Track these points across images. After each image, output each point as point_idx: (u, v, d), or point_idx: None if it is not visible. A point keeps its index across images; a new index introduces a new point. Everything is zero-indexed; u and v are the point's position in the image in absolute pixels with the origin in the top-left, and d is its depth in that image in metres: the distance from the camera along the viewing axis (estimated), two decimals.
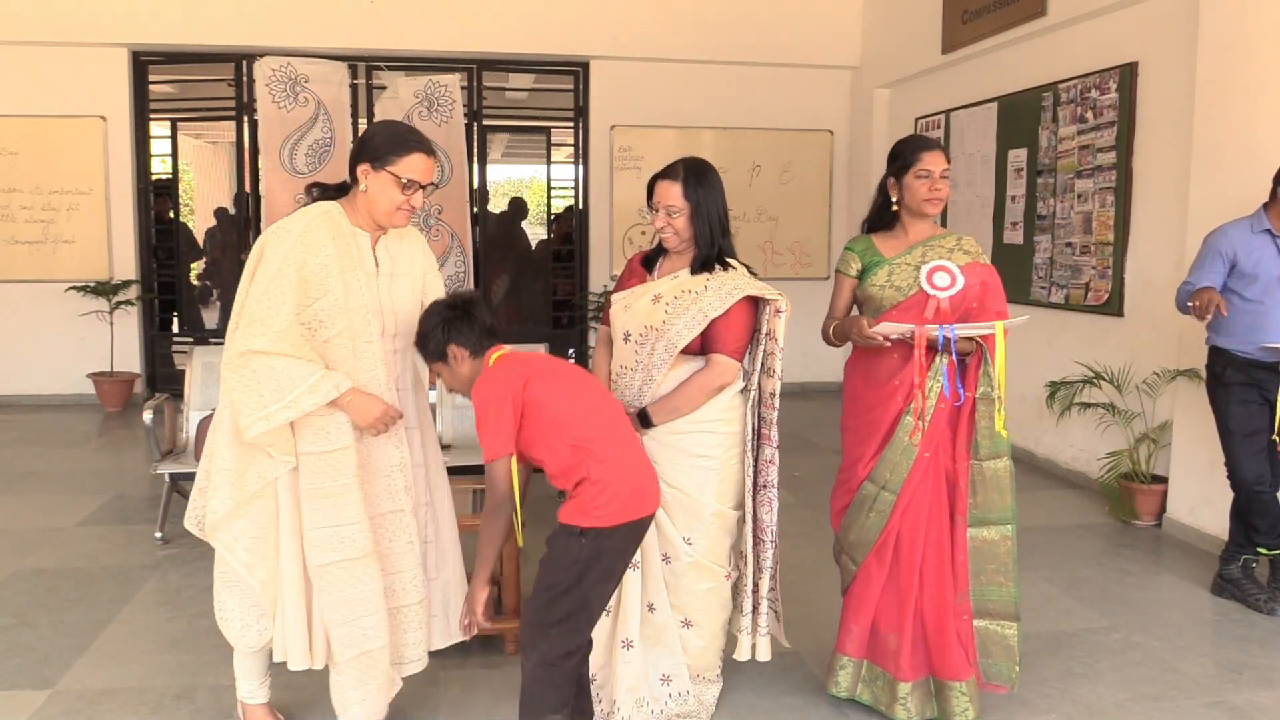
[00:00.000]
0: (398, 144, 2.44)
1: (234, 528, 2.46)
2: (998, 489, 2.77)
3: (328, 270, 2.39)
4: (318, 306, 2.39)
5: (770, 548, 2.77)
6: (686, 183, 2.69)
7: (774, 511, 2.76)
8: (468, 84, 8.00)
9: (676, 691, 2.81)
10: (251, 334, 2.33)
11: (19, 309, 7.74)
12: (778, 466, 2.77)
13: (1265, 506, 3.78)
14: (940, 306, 2.74)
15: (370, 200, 2.47)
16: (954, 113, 7.01)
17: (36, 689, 3.06)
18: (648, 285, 2.78)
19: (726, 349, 2.67)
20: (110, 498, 5.19)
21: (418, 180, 2.45)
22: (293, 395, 2.32)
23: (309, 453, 2.41)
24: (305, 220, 2.43)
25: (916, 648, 2.83)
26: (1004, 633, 2.83)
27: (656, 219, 2.72)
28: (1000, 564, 2.80)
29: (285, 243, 2.38)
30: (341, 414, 2.42)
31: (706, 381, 2.68)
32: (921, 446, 2.77)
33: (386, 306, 2.53)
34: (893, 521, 2.80)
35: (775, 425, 2.74)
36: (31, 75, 7.55)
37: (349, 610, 2.48)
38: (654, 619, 2.76)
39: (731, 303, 2.65)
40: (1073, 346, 5.66)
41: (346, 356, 2.43)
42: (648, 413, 2.69)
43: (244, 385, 2.33)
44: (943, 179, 2.85)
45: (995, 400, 2.73)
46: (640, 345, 2.72)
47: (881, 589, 2.86)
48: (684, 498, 2.70)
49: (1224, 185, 4.38)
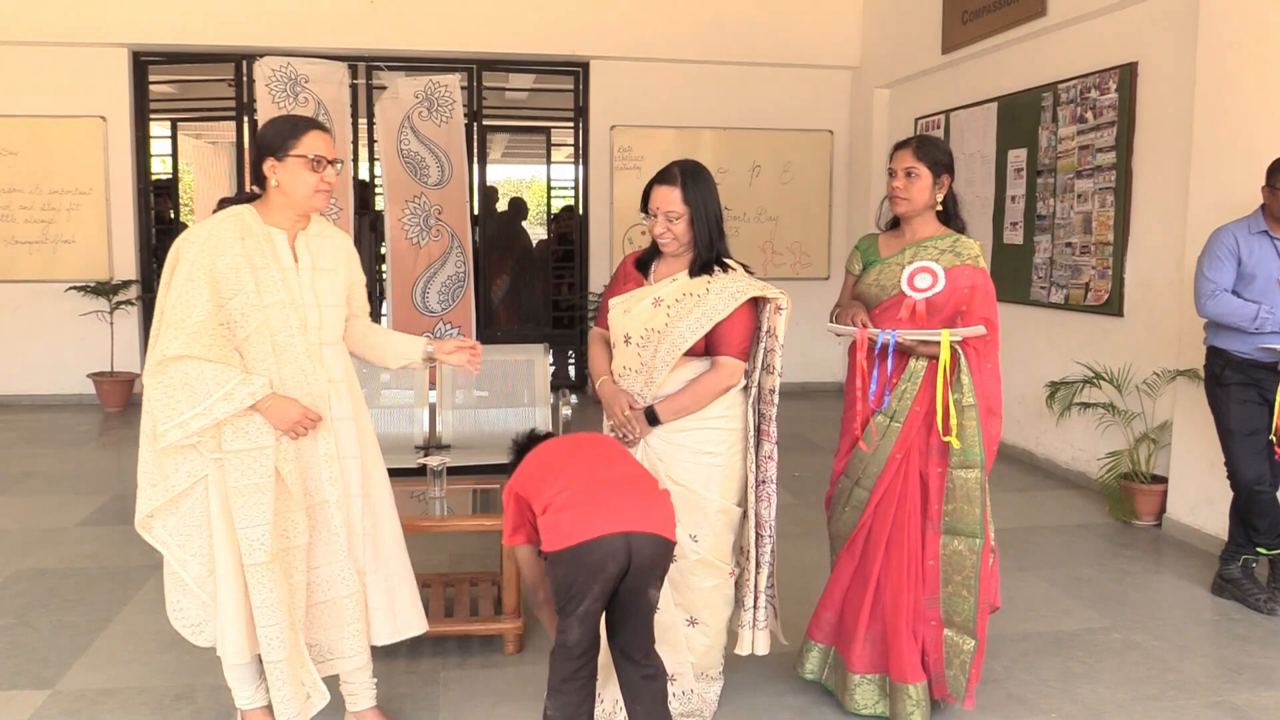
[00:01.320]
0: (291, 129, 2.51)
1: (167, 524, 2.51)
2: (967, 499, 2.76)
3: (237, 269, 2.43)
4: (232, 305, 2.43)
5: (769, 543, 2.79)
6: (685, 187, 2.69)
7: (773, 507, 2.78)
8: (468, 84, 8.00)
9: (681, 691, 2.81)
10: (167, 339, 2.38)
11: (19, 309, 7.73)
12: (776, 463, 2.79)
13: (1265, 506, 3.78)
14: (917, 309, 2.75)
15: (285, 192, 2.51)
16: (954, 113, 7.01)
17: (36, 689, 3.06)
18: (646, 289, 2.78)
19: (733, 351, 2.69)
20: (110, 498, 5.19)
21: (324, 155, 2.50)
22: (208, 402, 2.37)
23: (231, 450, 2.45)
24: (212, 224, 2.49)
25: (872, 643, 2.86)
26: (963, 646, 2.82)
27: (655, 225, 2.72)
28: (965, 577, 2.79)
29: (194, 247, 2.44)
30: (259, 415, 2.46)
31: (715, 383, 2.70)
32: (894, 448, 2.79)
33: (309, 301, 2.54)
34: (865, 517, 2.85)
35: (775, 421, 2.76)
36: (31, 75, 7.55)
37: (260, 615, 2.48)
38: (658, 619, 2.75)
39: (735, 306, 2.66)
40: (1073, 346, 5.66)
41: (266, 353, 2.46)
42: (655, 410, 2.70)
43: (161, 393, 2.39)
44: (907, 177, 2.83)
45: (964, 408, 2.72)
46: (642, 347, 2.72)
47: (849, 580, 2.91)
48: (691, 495, 2.71)
49: (1224, 185, 4.38)
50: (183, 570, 2.53)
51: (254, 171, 2.55)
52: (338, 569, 2.60)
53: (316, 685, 2.58)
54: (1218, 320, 3.77)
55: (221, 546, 2.48)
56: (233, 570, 2.48)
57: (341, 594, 2.61)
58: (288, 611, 2.50)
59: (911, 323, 2.76)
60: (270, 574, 2.46)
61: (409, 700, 2.99)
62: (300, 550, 2.53)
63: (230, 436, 2.44)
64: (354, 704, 2.77)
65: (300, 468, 2.53)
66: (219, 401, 2.37)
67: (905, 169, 2.84)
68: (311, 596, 2.59)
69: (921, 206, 2.86)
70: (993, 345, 2.79)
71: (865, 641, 2.86)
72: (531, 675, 3.07)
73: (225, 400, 2.37)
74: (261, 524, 2.44)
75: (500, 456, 4.01)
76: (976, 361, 2.75)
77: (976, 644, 2.79)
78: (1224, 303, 3.71)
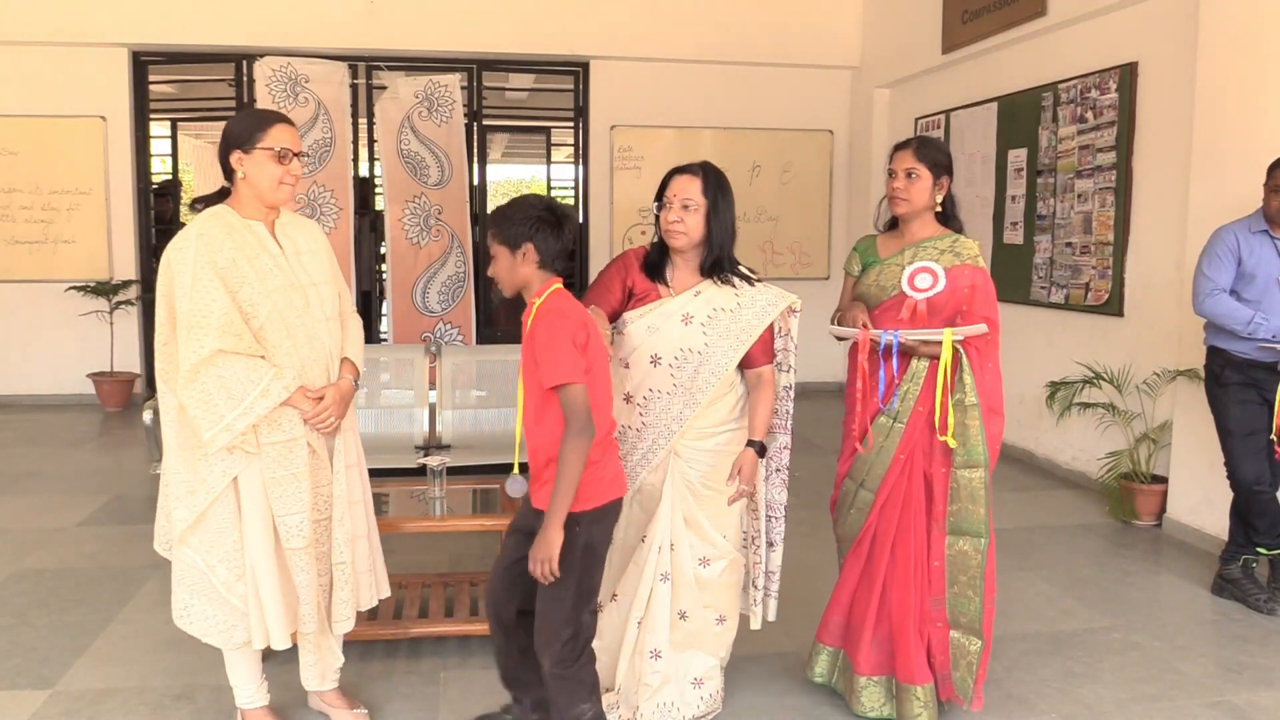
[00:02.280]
0: (256, 123, 2.55)
1: (195, 532, 2.53)
2: (971, 499, 2.77)
3: (235, 262, 2.48)
4: (241, 296, 2.47)
5: (781, 525, 2.87)
6: (707, 181, 2.68)
7: (785, 492, 2.87)
8: (468, 84, 7.99)
9: (708, 693, 2.84)
10: (194, 340, 2.40)
11: (19, 309, 7.73)
12: (790, 452, 2.88)
13: (1265, 506, 3.79)
14: (918, 309, 2.75)
15: (252, 184, 2.55)
16: (954, 113, 7.01)
17: (36, 689, 3.06)
18: (669, 303, 2.69)
19: (769, 359, 2.76)
20: (110, 498, 5.19)
21: (289, 148, 2.54)
22: (247, 401, 2.42)
23: (268, 442, 2.50)
24: (197, 226, 2.52)
25: (879, 645, 2.86)
26: (970, 647, 2.82)
27: (669, 213, 2.66)
28: (971, 577, 2.79)
29: (188, 251, 2.46)
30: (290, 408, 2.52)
31: (771, 396, 2.74)
32: (898, 448, 2.79)
33: (305, 280, 2.60)
34: (871, 519, 2.85)
35: (790, 416, 2.84)
36: (31, 75, 7.55)
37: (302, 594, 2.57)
38: (686, 626, 2.76)
39: (770, 320, 2.69)
40: (1073, 346, 5.66)
41: (282, 336, 2.52)
42: (763, 444, 2.70)
43: (198, 401, 2.41)
44: (907, 178, 2.84)
45: (967, 408, 2.73)
46: (677, 369, 2.67)
47: (856, 583, 2.92)
48: (720, 497, 2.71)
49: (1224, 185, 4.38)
50: (211, 575, 2.54)
51: (222, 165, 2.59)
52: (335, 537, 2.66)
53: (332, 649, 2.72)
54: (1213, 320, 3.77)
55: (257, 539, 2.52)
56: (270, 558, 2.53)
57: (337, 560, 2.67)
58: (319, 586, 2.59)
59: (912, 323, 2.77)
60: (308, 556, 2.54)
61: (409, 700, 2.99)
62: (326, 522, 2.62)
63: (266, 430, 2.50)
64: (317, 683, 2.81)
65: (325, 439, 2.62)
66: (258, 399, 2.42)
67: (906, 170, 2.84)
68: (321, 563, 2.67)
69: (921, 207, 2.86)
70: (994, 344, 2.80)
71: (872, 643, 2.85)
72: None
73: (263, 397, 2.43)
74: (300, 511, 2.52)
75: (500, 457, 4.02)
76: (978, 361, 2.75)
77: (983, 644, 2.79)
78: (1220, 303, 3.71)
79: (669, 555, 2.69)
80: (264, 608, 2.54)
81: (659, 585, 2.70)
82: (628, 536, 2.73)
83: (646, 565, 2.69)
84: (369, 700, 2.95)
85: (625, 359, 2.72)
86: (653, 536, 2.68)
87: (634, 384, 2.71)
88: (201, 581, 2.55)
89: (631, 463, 2.70)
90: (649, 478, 2.70)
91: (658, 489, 2.70)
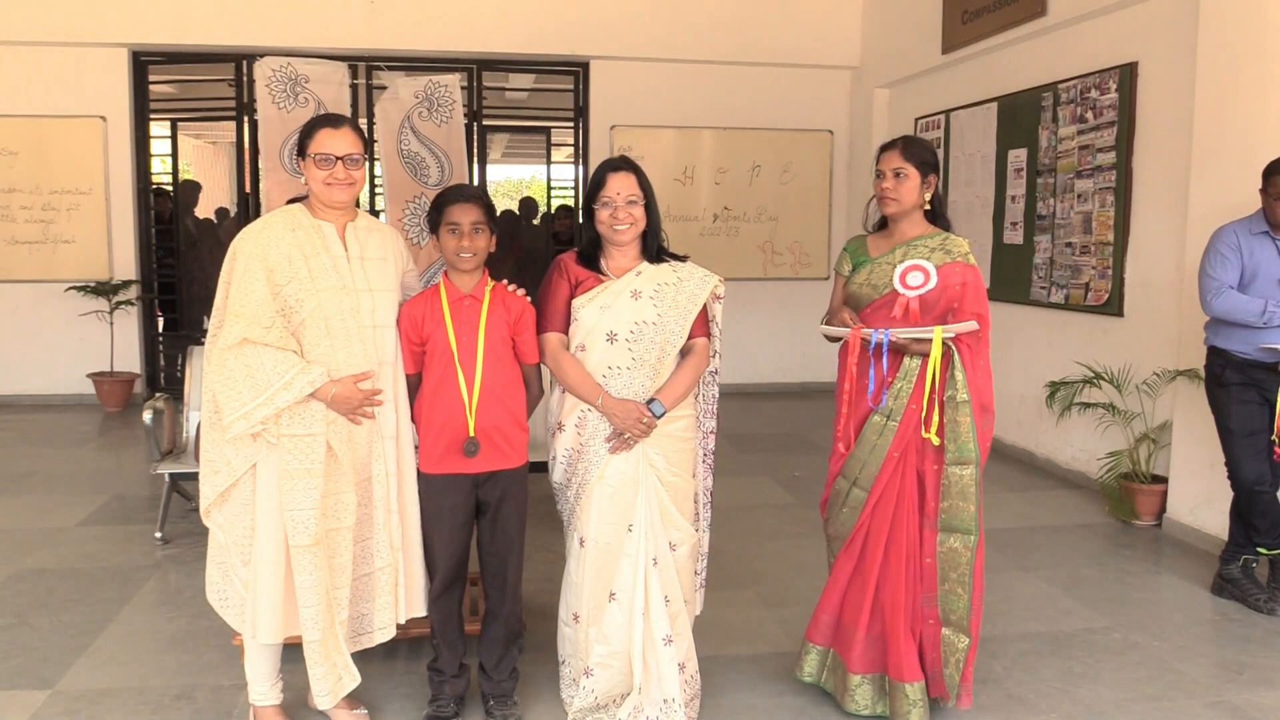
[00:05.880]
0: (308, 130, 2.65)
1: (222, 510, 2.63)
2: (963, 496, 2.78)
3: (290, 258, 2.55)
4: (286, 291, 2.54)
5: (709, 510, 2.97)
6: (638, 173, 2.81)
7: (711, 476, 2.96)
8: (468, 84, 8.00)
9: (690, 675, 2.86)
10: (230, 327, 2.50)
11: (19, 309, 7.74)
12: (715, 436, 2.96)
13: (1265, 506, 3.79)
14: (910, 307, 2.76)
15: (310, 188, 2.65)
16: (954, 113, 7.01)
17: (36, 689, 3.06)
18: (615, 284, 2.77)
19: (703, 332, 2.83)
20: (110, 498, 5.19)
21: (328, 153, 2.59)
22: (269, 392, 2.47)
23: (287, 434, 2.54)
24: (265, 220, 2.65)
25: (871, 643, 2.86)
26: (959, 645, 2.82)
27: (616, 213, 2.74)
28: (960, 574, 2.80)
29: (249, 242, 2.58)
30: (314, 402, 2.54)
31: (700, 365, 2.82)
32: (892, 446, 2.80)
33: (360, 286, 2.65)
34: (864, 517, 2.85)
35: (716, 400, 2.93)
36: (31, 75, 7.55)
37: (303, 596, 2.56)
38: (670, 610, 2.79)
39: (709, 291, 2.79)
40: (1073, 346, 5.66)
41: (321, 335, 2.56)
42: (662, 403, 2.71)
43: (224, 384, 2.50)
44: (895, 178, 2.85)
45: (958, 405, 2.74)
46: (634, 342, 2.73)
47: (848, 582, 2.92)
48: (684, 483, 2.80)
49: (1224, 185, 4.38)
50: (224, 555, 2.65)
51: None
52: (377, 542, 2.70)
53: (348, 667, 2.67)
54: (1225, 317, 3.76)
55: (266, 529, 2.57)
56: (274, 551, 2.56)
57: (377, 566, 2.70)
58: (326, 593, 2.58)
59: (905, 320, 2.77)
60: (313, 557, 2.55)
61: (409, 700, 2.99)
62: (347, 531, 2.63)
63: (286, 422, 2.53)
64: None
65: (351, 445, 2.63)
66: (280, 391, 2.47)
67: (894, 170, 2.86)
68: (355, 570, 2.68)
69: (910, 206, 2.88)
70: (984, 342, 2.81)
71: (865, 642, 2.86)
72: (531, 675, 3.07)
73: (286, 389, 2.48)
74: (308, 507, 2.54)
75: None
76: (970, 358, 2.76)
77: (970, 641, 2.80)
78: (1231, 299, 3.71)
79: (654, 540, 2.74)
80: (258, 599, 2.58)
81: (652, 571, 2.73)
82: (602, 533, 2.75)
83: (640, 552, 2.72)
84: (369, 700, 2.95)
85: (581, 343, 2.78)
86: (638, 523, 2.72)
87: (593, 364, 2.75)
88: (227, 560, 2.64)
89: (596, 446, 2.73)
90: (620, 466, 2.72)
91: (630, 477, 2.73)
